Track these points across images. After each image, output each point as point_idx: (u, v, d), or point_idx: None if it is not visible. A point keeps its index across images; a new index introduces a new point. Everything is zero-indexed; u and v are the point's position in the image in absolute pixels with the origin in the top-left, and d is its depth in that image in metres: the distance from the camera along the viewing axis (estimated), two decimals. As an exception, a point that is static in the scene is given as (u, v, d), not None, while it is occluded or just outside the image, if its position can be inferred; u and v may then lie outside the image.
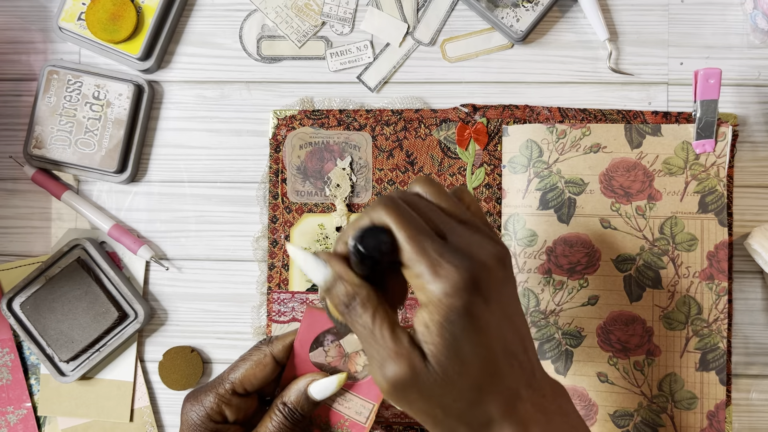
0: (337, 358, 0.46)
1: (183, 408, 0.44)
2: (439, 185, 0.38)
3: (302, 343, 0.45)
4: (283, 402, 0.43)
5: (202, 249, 0.58)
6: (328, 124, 0.57)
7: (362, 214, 0.36)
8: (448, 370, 0.34)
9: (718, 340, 0.53)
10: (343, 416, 0.45)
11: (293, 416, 0.43)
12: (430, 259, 0.33)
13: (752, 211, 0.56)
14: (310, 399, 0.43)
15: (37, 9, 0.60)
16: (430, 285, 0.33)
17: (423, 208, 0.36)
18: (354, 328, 0.36)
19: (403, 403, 0.35)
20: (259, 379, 0.43)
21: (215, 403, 0.43)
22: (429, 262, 0.33)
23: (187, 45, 0.59)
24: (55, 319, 0.56)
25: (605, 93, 0.57)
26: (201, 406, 0.43)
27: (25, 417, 0.58)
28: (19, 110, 0.59)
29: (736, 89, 0.56)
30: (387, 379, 0.34)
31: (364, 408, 0.44)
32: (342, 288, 0.35)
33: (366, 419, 0.44)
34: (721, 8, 0.57)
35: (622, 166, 0.54)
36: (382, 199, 0.35)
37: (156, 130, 0.59)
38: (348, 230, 0.36)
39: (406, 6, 0.58)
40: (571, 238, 0.55)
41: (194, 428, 0.43)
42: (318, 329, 0.45)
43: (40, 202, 0.59)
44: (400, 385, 0.34)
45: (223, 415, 0.43)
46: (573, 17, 0.57)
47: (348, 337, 0.46)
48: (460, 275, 0.33)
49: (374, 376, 0.35)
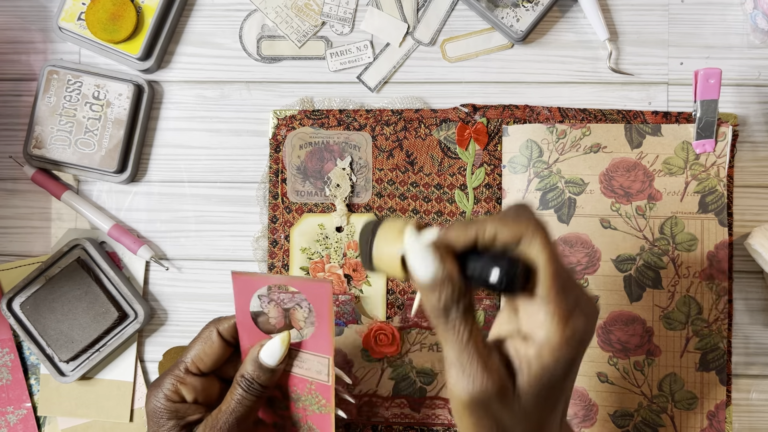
0: (279, 317, 0.46)
1: (146, 396, 0.45)
2: None
3: (242, 311, 0.44)
4: (241, 375, 0.44)
5: (202, 249, 0.58)
6: (328, 124, 0.57)
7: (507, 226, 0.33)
8: (530, 404, 0.34)
9: (718, 340, 0.53)
10: (307, 380, 0.45)
11: (252, 388, 0.43)
12: (567, 304, 0.33)
13: (752, 211, 0.56)
14: (264, 366, 0.43)
15: (37, 9, 0.60)
16: (556, 327, 0.33)
17: None
18: (443, 330, 0.34)
19: (468, 413, 0.34)
20: (210, 356, 0.45)
21: (172, 383, 0.44)
22: (565, 306, 0.33)
23: (187, 45, 0.59)
24: (55, 319, 0.56)
25: (605, 93, 0.57)
26: (159, 389, 0.44)
27: (25, 417, 0.58)
28: (19, 110, 0.59)
29: (736, 89, 0.56)
30: (470, 389, 0.33)
31: (321, 365, 0.44)
32: (447, 292, 0.34)
33: (327, 377, 0.44)
34: (721, 8, 0.57)
35: (622, 166, 0.54)
36: (535, 224, 0.33)
37: (156, 130, 0.59)
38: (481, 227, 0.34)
39: (406, 6, 0.58)
40: (571, 238, 0.54)
41: (154, 412, 0.44)
42: (250, 293, 0.44)
43: (40, 202, 0.59)
44: (479, 397, 0.34)
45: (181, 395, 0.44)
46: (573, 17, 0.57)
47: None
48: (585, 328, 0.34)
49: (451, 382, 0.34)
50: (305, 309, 0.47)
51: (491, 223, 0.34)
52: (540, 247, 0.33)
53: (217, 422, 0.43)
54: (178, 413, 0.44)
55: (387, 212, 0.56)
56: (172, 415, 0.44)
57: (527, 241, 0.33)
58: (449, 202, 0.56)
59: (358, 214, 0.57)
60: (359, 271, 0.56)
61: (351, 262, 0.56)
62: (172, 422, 0.44)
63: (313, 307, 0.42)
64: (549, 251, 0.33)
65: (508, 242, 0.34)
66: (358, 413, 0.56)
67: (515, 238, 0.33)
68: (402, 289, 0.56)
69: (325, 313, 0.42)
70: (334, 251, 0.56)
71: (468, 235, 0.34)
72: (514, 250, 0.34)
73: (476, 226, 0.34)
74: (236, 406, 0.43)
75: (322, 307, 0.42)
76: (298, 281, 0.43)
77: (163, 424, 0.44)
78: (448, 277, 0.33)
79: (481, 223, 0.34)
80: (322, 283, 0.41)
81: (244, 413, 0.43)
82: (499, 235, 0.34)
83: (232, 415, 0.43)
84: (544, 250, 0.33)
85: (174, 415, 0.44)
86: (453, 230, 0.35)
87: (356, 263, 0.56)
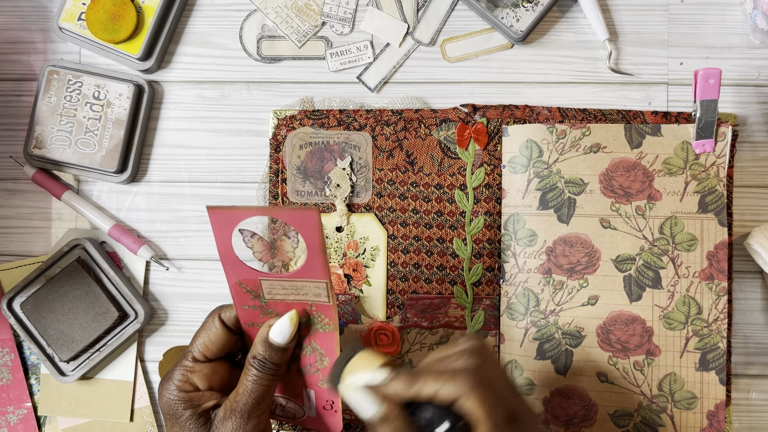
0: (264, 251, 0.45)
1: (158, 391, 0.45)
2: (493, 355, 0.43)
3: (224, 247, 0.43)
4: (253, 356, 0.44)
5: (202, 249, 0.58)
6: (328, 124, 0.57)
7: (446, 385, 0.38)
8: None
9: (718, 340, 0.53)
10: (306, 303, 0.44)
11: (265, 367, 0.43)
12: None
13: (752, 211, 0.56)
14: (274, 345, 0.43)
15: (37, 9, 0.60)
16: None
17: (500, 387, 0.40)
18: None
19: None
20: (215, 343, 0.45)
21: (182, 374, 0.44)
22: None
23: (187, 45, 0.59)
24: (55, 319, 0.56)
25: (605, 93, 0.57)
26: (170, 382, 0.44)
27: (26, 417, 0.58)
28: (19, 110, 0.59)
29: (736, 89, 0.56)
30: None
31: (318, 288, 0.43)
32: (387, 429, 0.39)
33: (327, 298, 0.43)
34: (721, 8, 0.57)
35: (622, 166, 0.55)
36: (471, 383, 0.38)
37: (156, 130, 0.59)
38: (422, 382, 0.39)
39: (406, 6, 0.58)
40: (571, 238, 0.55)
41: (169, 405, 0.44)
42: (230, 227, 0.42)
43: (41, 202, 0.59)
44: None
45: (193, 384, 0.44)
46: (573, 17, 0.57)
47: None
48: None
49: None
50: (293, 239, 0.45)
51: (432, 381, 0.39)
52: (474, 407, 0.37)
53: (237, 405, 0.43)
54: (194, 401, 0.44)
55: (387, 212, 0.56)
56: (188, 404, 0.44)
57: (463, 401, 0.37)
58: (449, 202, 0.56)
59: (358, 214, 0.57)
60: (359, 271, 0.57)
61: (351, 262, 0.57)
62: (189, 411, 0.43)
63: (302, 236, 0.41)
64: (483, 410, 0.37)
65: (447, 401, 0.38)
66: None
67: (453, 397, 0.38)
68: (402, 289, 0.56)
69: (316, 241, 0.41)
70: (334, 251, 0.57)
71: (409, 392, 0.39)
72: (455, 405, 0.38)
73: (419, 384, 0.39)
74: (253, 386, 0.43)
75: (312, 235, 0.41)
76: (282, 211, 0.41)
77: (180, 414, 0.43)
78: (387, 418, 0.39)
79: (423, 379, 0.39)
80: (309, 211, 0.40)
81: (262, 393, 0.43)
82: (439, 393, 0.38)
83: (250, 396, 0.43)
84: (478, 409, 0.37)
85: (189, 404, 0.44)
86: (397, 383, 0.40)
87: (356, 263, 0.56)
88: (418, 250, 0.56)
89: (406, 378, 0.39)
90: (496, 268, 0.56)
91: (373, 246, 0.56)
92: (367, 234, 0.56)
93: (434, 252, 0.56)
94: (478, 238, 0.56)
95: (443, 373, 0.39)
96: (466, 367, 0.39)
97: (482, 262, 0.56)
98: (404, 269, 0.56)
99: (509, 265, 0.55)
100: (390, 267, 0.56)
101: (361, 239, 0.56)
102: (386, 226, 0.56)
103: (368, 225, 0.57)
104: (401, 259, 0.56)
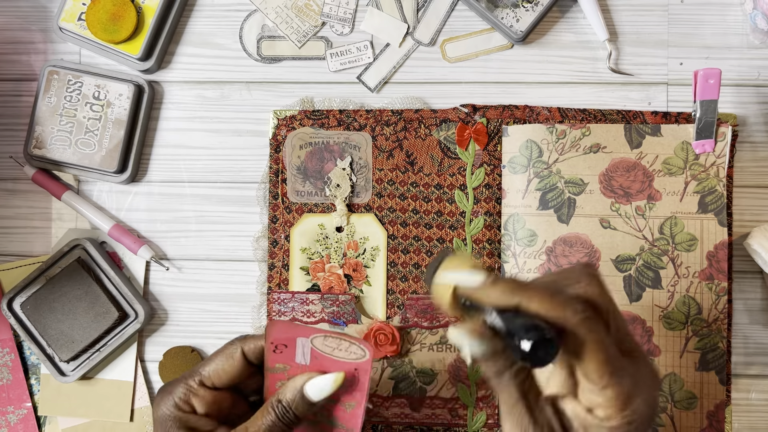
0: None
1: (155, 399, 0.44)
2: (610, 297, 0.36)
3: None
4: (278, 399, 0.42)
5: (202, 249, 0.58)
6: (328, 124, 0.57)
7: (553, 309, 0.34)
8: None
9: (718, 340, 0.53)
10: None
11: (286, 416, 0.42)
12: (623, 387, 0.34)
13: (752, 211, 0.56)
14: (306, 399, 0.42)
15: (37, 9, 0.60)
16: (616, 412, 0.34)
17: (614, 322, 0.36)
18: (498, 389, 0.37)
19: None
20: (228, 373, 0.43)
21: (183, 393, 0.43)
22: (621, 390, 0.34)
23: (187, 45, 0.59)
24: (55, 319, 0.56)
25: (605, 93, 0.57)
26: (170, 395, 0.43)
27: (26, 417, 0.58)
28: (19, 110, 0.59)
29: (736, 89, 0.56)
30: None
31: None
32: (499, 363, 0.36)
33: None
34: (721, 8, 0.57)
35: (622, 166, 0.55)
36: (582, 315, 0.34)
37: (156, 131, 0.59)
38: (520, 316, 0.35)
39: (406, 6, 0.58)
40: (570, 238, 0.55)
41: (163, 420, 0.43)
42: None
43: (41, 202, 0.59)
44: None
45: (191, 406, 0.43)
46: (573, 17, 0.57)
47: None
48: (646, 408, 0.35)
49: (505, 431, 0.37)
50: None
51: (538, 299, 0.34)
52: (585, 336, 0.33)
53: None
54: (189, 424, 0.42)
55: (387, 212, 0.56)
56: (182, 425, 0.42)
57: (571, 327, 0.34)
58: (449, 202, 0.56)
59: (358, 214, 0.57)
60: (359, 271, 0.57)
61: (351, 262, 0.57)
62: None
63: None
64: (595, 340, 0.33)
65: (550, 320, 0.34)
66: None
67: (558, 320, 0.34)
68: (402, 289, 0.56)
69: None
70: (334, 251, 0.57)
71: (510, 301, 0.35)
72: None
73: (521, 295, 0.34)
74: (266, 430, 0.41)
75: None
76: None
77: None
78: (494, 354, 0.35)
79: (529, 293, 0.34)
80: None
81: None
82: (542, 312, 0.34)
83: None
84: (589, 338, 0.33)
85: (184, 425, 0.42)
86: (498, 289, 0.35)
87: (356, 263, 0.57)
88: (418, 250, 0.56)
89: (510, 286, 0.35)
90: (496, 269, 0.56)
91: (373, 246, 0.56)
92: (367, 234, 0.56)
93: (434, 252, 0.56)
94: (478, 239, 0.56)
95: (557, 293, 0.35)
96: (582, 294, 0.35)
97: (482, 262, 0.56)
98: (404, 269, 0.56)
99: (509, 265, 0.55)
100: (390, 267, 0.56)
101: (361, 239, 0.56)
102: (386, 226, 0.56)
103: (368, 225, 0.57)
104: (401, 259, 0.56)
